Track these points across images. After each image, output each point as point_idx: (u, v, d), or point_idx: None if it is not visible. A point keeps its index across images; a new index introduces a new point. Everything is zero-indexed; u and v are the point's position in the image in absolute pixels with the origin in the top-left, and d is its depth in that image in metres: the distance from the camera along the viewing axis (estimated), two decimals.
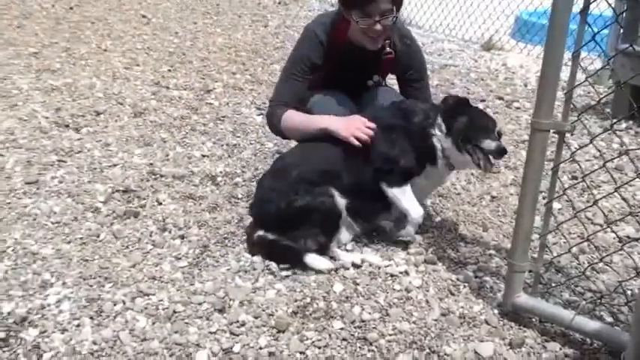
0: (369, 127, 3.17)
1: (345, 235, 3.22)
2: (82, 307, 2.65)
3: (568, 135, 2.50)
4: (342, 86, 3.69)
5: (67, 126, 4.66)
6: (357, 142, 3.13)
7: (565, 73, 2.43)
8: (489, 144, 3.06)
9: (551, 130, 2.45)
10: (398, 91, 3.79)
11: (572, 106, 2.46)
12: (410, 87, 3.67)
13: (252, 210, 3.30)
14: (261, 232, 3.12)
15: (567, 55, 2.38)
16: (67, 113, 4.89)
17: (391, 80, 3.90)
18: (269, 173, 3.34)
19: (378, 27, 3.27)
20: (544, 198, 2.88)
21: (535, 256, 2.69)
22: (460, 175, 4.14)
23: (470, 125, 3.12)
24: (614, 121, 2.54)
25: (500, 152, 3.08)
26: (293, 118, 3.42)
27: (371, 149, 3.17)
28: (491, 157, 3.09)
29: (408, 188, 3.18)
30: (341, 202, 3.12)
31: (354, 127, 3.17)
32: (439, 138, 3.18)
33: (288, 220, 3.07)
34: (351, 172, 3.18)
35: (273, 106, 3.52)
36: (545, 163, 2.53)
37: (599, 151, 3.51)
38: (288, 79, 3.52)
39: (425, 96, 3.71)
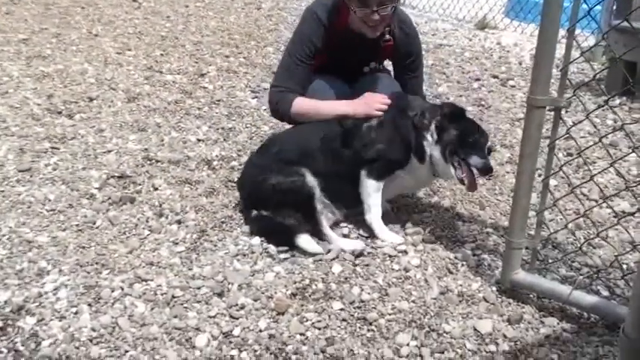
0: (384, 99, 3.25)
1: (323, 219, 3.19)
2: (80, 294, 2.64)
3: (563, 112, 2.49)
4: (338, 71, 3.65)
5: (60, 112, 4.63)
6: (379, 113, 3.20)
7: (559, 51, 2.42)
8: (476, 160, 2.99)
9: (547, 107, 2.44)
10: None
11: (567, 82, 2.45)
12: (406, 75, 3.65)
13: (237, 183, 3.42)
14: (256, 211, 3.15)
15: (561, 33, 2.37)
16: (59, 100, 4.85)
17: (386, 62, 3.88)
18: (257, 150, 3.44)
19: (376, 17, 3.23)
20: (539, 175, 2.89)
21: (532, 233, 2.70)
22: None
23: (460, 139, 3.05)
24: (609, 97, 2.54)
25: (486, 170, 3.01)
26: (305, 106, 3.39)
27: (359, 136, 3.18)
28: (476, 173, 3.02)
29: (381, 186, 3.15)
30: (312, 182, 3.11)
31: (371, 101, 3.23)
32: (429, 144, 3.13)
33: (263, 196, 3.13)
34: (330, 155, 3.18)
35: (280, 92, 3.45)
36: (540, 140, 2.52)
37: (594, 126, 3.50)
38: (293, 64, 3.45)
39: (419, 84, 3.71)
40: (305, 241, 2.98)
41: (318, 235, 3.07)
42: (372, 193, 3.14)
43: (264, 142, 3.47)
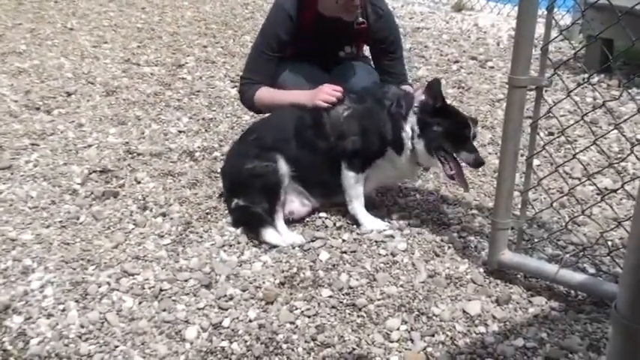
0: (336, 91, 3.19)
1: (297, 206, 3.17)
2: (67, 291, 2.62)
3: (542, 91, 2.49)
4: (314, 58, 3.66)
5: (38, 108, 4.57)
6: (324, 104, 3.17)
7: (539, 29, 2.42)
8: (467, 157, 2.94)
9: (528, 87, 2.45)
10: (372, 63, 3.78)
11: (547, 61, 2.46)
12: (385, 57, 3.62)
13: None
14: (235, 200, 3.13)
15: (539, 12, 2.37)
16: (36, 95, 4.79)
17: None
18: (238, 138, 3.46)
19: (357, 1, 3.25)
20: (522, 155, 2.90)
21: (517, 213, 2.71)
22: None
23: (446, 134, 2.97)
24: (589, 74, 2.54)
25: (477, 165, 3.00)
26: (265, 95, 3.52)
27: (337, 126, 3.14)
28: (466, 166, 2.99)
29: (362, 177, 3.12)
30: (284, 169, 3.08)
31: (321, 93, 3.20)
32: (409, 137, 3.04)
33: (239, 181, 3.12)
34: (305, 143, 3.15)
35: (245, 84, 3.62)
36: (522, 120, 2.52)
37: (576, 104, 3.53)
38: (259, 56, 3.59)
39: (400, 65, 3.68)
40: (270, 235, 2.97)
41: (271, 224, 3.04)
42: (353, 184, 3.12)
43: (245, 131, 3.47)
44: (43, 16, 7.38)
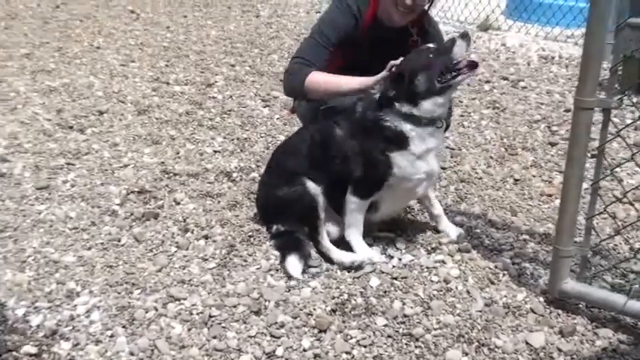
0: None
1: (330, 227, 3.05)
2: (113, 315, 2.54)
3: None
4: (358, 72, 3.51)
5: (71, 127, 4.51)
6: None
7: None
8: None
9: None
10: None
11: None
12: None
13: None
14: (275, 226, 3.09)
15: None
16: (69, 114, 4.74)
17: None
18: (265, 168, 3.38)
19: (409, 1, 3.13)
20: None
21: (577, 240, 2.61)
22: (479, 159, 4.05)
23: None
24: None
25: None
26: (321, 77, 3.21)
27: (340, 147, 2.96)
28: None
29: (366, 205, 2.98)
30: (315, 190, 2.96)
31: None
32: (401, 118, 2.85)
33: (276, 210, 3.07)
34: (320, 163, 3.00)
35: (297, 64, 3.29)
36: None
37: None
38: (319, 43, 3.29)
39: None
40: (290, 264, 2.85)
41: (317, 245, 2.98)
42: (354, 211, 2.98)
43: (269, 159, 3.35)
44: (69, 35, 7.37)
